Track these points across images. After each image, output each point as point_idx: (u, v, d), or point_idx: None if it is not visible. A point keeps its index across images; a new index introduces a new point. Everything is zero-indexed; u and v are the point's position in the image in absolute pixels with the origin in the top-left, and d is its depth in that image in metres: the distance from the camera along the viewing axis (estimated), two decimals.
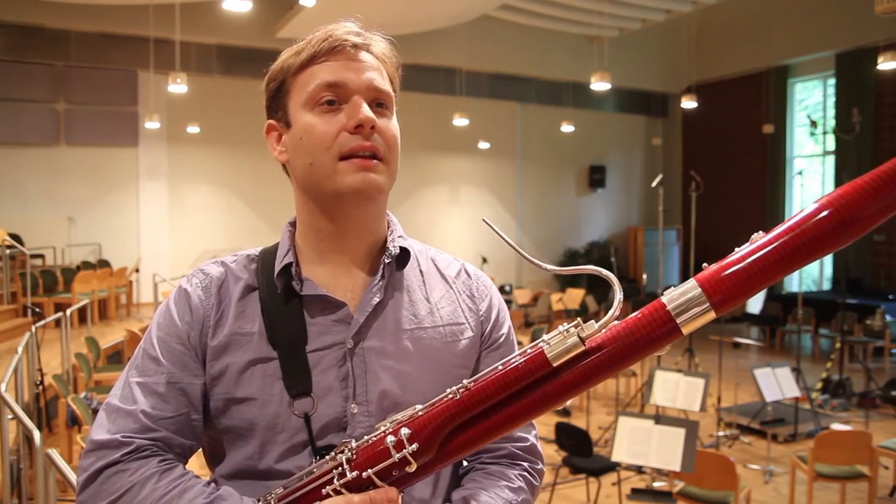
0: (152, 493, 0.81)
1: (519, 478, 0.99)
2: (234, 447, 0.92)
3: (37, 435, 2.47)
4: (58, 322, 6.31)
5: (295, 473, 0.86)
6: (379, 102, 0.94)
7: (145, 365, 0.91)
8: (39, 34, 10.01)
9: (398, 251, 0.98)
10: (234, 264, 0.98)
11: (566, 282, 12.49)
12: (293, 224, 1.01)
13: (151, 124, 9.70)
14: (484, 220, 0.88)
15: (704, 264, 0.71)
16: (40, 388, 4.65)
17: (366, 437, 0.81)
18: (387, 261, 0.97)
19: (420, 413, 0.79)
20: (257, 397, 0.90)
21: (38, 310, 5.57)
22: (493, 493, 0.94)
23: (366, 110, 0.90)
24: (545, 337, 0.74)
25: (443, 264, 1.07)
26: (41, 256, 10.06)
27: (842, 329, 7.89)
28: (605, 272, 0.76)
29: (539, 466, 1.04)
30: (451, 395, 0.78)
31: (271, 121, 0.98)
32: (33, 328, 4.94)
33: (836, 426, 5.40)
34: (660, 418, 3.69)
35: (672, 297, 0.70)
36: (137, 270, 10.68)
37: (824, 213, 0.65)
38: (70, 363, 5.76)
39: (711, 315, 0.69)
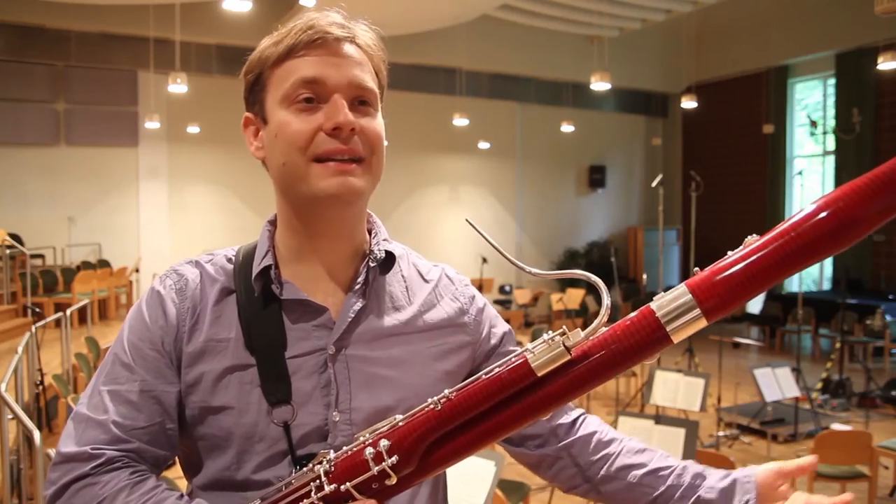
0: None
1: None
2: (211, 457, 0.88)
3: (37, 435, 2.46)
4: (58, 322, 6.31)
5: (274, 484, 0.83)
6: (361, 100, 0.88)
7: (116, 371, 0.86)
8: (39, 34, 10.02)
9: (383, 255, 0.94)
10: (210, 265, 0.94)
11: (566, 282, 12.47)
12: (272, 223, 0.96)
13: (151, 124, 9.70)
14: (467, 220, 0.84)
15: (696, 269, 0.68)
16: (40, 388, 4.66)
17: (344, 448, 0.78)
18: (371, 265, 0.93)
19: (400, 424, 0.76)
20: (234, 406, 0.86)
21: (38, 310, 5.58)
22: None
23: (346, 112, 0.85)
24: (529, 346, 0.72)
25: (424, 269, 1.03)
26: (41, 256, 10.07)
27: (842, 329, 7.88)
28: (591, 277, 0.74)
29: None
30: (432, 406, 0.75)
31: (249, 114, 0.93)
32: (33, 328, 4.94)
33: (836, 426, 5.40)
34: (660, 418, 3.69)
35: (662, 303, 0.67)
36: (137, 270, 10.68)
37: (823, 214, 0.62)
38: (70, 363, 5.76)
39: (703, 322, 0.66)
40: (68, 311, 6.22)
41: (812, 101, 13.15)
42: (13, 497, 3.53)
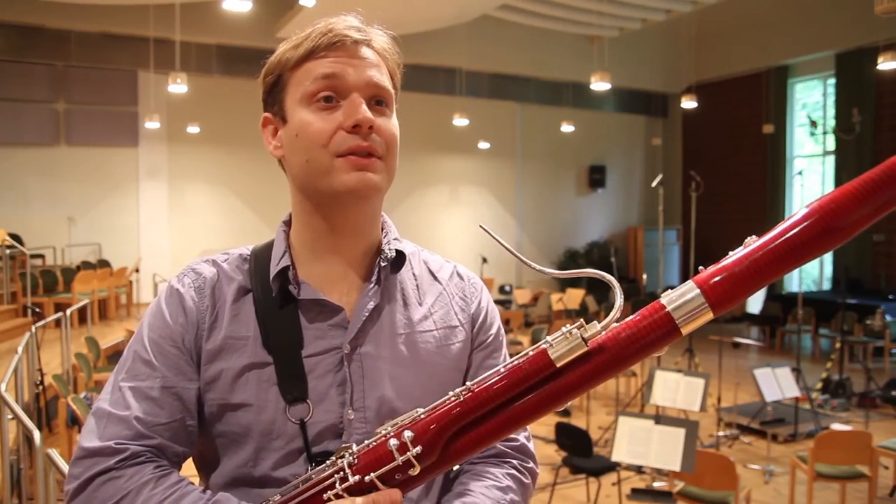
0: (148, 501, 0.79)
1: (507, 476, 0.97)
2: (228, 454, 0.90)
3: (37, 435, 2.47)
4: (58, 322, 6.31)
5: (290, 481, 0.84)
6: (378, 100, 0.91)
7: (137, 368, 0.87)
8: (39, 34, 10.01)
9: (394, 254, 0.96)
10: (226, 264, 0.96)
11: (566, 282, 12.49)
12: (287, 223, 0.98)
13: (151, 124, 9.70)
14: (481, 226, 0.86)
15: (700, 267, 0.74)
16: (40, 388, 4.65)
17: (367, 442, 0.79)
18: (382, 264, 0.95)
19: (422, 416, 0.78)
20: (252, 403, 0.88)
21: (38, 310, 5.57)
22: (479, 493, 0.92)
23: (364, 110, 0.88)
24: (548, 338, 0.75)
25: (435, 266, 1.05)
26: (41, 256, 10.07)
27: (842, 329, 7.89)
28: (605, 275, 0.77)
29: (529, 465, 1.02)
30: (454, 398, 0.77)
31: (267, 114, 0.96)
32: (33, 328, 4.94)
33: (836, 426, 5.40)
34: (660, 418, 3.69)
35: (671, 298, 0.72)
36: (137, 270, 10.68)
37: (810, 220, 0.68)
38: (70, 363, 5.76)
39: (710, 315, 0.71)
40: (68, 311, 6.22)
41: (812, 101, 13.15)
42: (13, 497, 3.53)
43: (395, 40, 0.98)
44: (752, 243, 0.71)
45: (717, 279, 0.70)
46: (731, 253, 0.72)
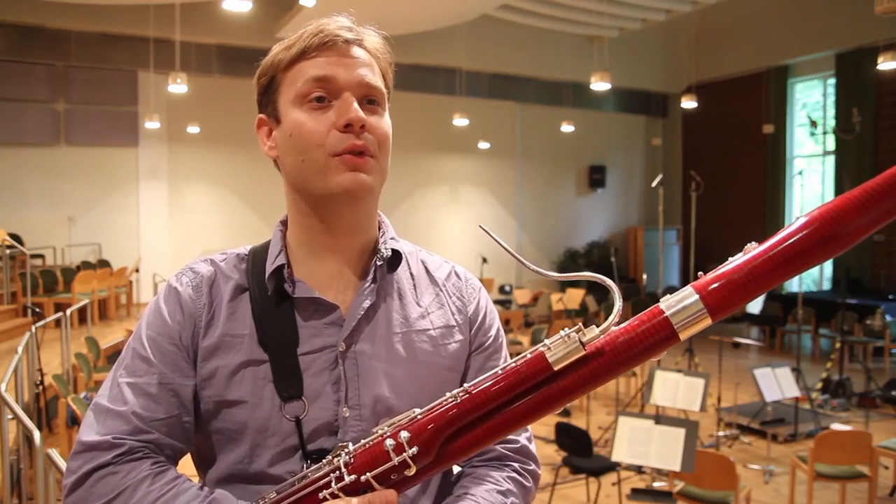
0: (146, 497, 0.80)
1: (507, 480, 0.97)
2: (224, 450, 0.91)
3: (37, 435, 2.47)
4: (58, 322, 6.31)
5: (285, 478, 0.85)
6: (370, 99, 0.92)
7: (135, 365, 0.89)
8: (39, 34, 10.02)
9: (390, 253, 0.97)
10: (224, 263, 0.97)
11: (566, 282, 12.48)
12: (284, 223, 0.99)
13: (151, 124, 9.70)
14: (481, 226, 0.87)
15: (700, 273, 0.74)
16: (40, 388, 4.65)
17: (363, 441, 0.80)
18: (378, 263, 0.95)
19: (419, 416, 0.78)
20: (248, 400, 0.88)
21: (38, 310, 5.57)
22: (480, 497, 0.92)
23: (356, 109, 0.88)
24: (546, 341, 0.75)
25: (433, 266, 1.06)
26: (41, 256, 10.07)
27: (842, 329, 7.88)
28: (605, 280, 0.77)
29: (531, 467, 1.02)
30: (451, 399, 0.77)
31: (262, 115, 0.97)
32: (33, 328, 4.94)
33: (836, 426, 5.40)
34: (660, 418, 3.69)
35: (670, 303, 0.72)
36: (137, 270, 10.68)
37: (810, 228, 0.68)
38: (70, 363, 5.77)
39: (708, 321, 0.71)
40: (68, 311, 6.22)
41: (812, 101, 13.15)
42: (13, 497, 3.53)
43: (387, 40, 0.98)
44: (752, 250, 0.70)
45: (715, 285, 0.70)
46: (730, 259, 0.71)
